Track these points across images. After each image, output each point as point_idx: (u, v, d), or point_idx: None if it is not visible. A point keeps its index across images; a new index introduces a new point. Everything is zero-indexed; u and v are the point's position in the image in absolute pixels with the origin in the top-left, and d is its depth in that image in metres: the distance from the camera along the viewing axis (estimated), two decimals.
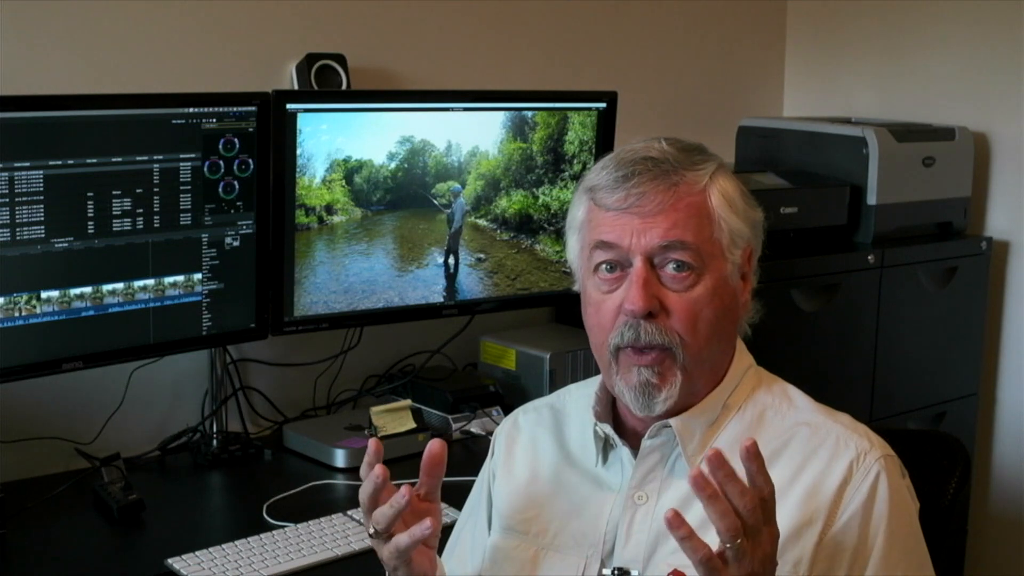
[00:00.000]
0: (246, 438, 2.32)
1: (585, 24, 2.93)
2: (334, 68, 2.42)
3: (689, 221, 1.38)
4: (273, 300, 2.22)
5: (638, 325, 1.37)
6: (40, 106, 1.94)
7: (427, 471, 1.35)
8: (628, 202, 1.38)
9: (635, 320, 1.36)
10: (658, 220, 1.37)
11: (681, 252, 1.37)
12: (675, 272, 1.38)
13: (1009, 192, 3.05)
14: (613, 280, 1.40)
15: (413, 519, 1.33)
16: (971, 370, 3.03)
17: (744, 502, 1.15)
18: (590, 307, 1.43)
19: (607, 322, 1.40)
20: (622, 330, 1.38)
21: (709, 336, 1.39)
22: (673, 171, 1.39)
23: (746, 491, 1.16)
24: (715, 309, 1.39)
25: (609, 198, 1.39)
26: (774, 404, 1.45)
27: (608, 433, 1.46)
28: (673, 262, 1.37)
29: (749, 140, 3.10)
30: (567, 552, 1.46)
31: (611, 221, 1.39)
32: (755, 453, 1.16)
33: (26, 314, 1.94)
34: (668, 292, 1.38)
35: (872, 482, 1.36)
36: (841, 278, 2.71)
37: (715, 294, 1.39)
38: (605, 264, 1.40)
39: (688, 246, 1.37)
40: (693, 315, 1.37)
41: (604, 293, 1.41)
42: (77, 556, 1.87)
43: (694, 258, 1.37)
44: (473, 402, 2.44)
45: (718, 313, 1.39)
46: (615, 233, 1.39)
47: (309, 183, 2.21)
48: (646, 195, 1.38)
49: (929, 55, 3.13)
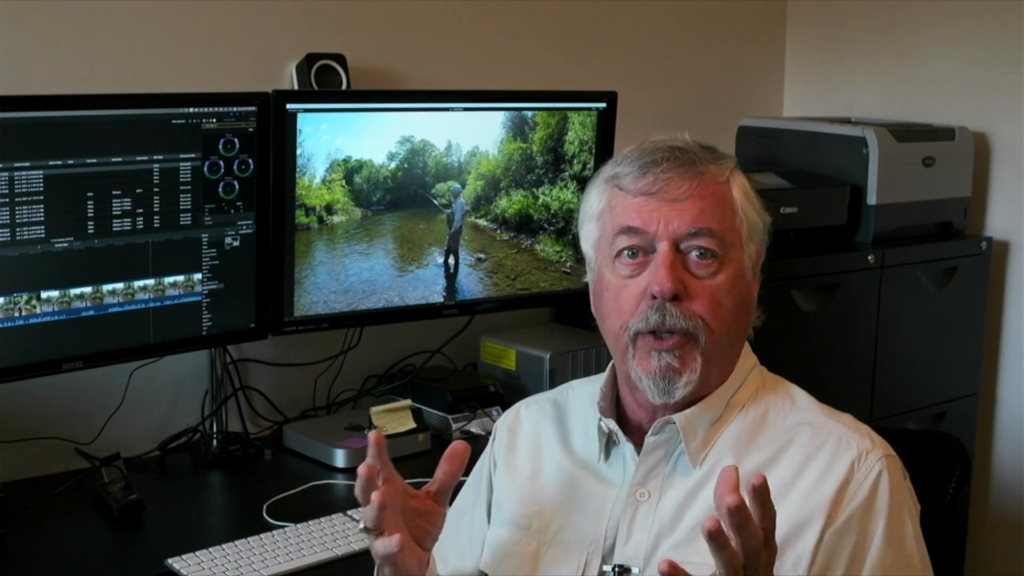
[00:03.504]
0: (246, 438, 2.32)
1: (585, 24, 2.94)
2: (334, 68, 2.42)
3: (715, 209, 1.39)
4: (273, 300, 2.22)
5: (663, 308, 1.36)
6: (40, 106, 1.94)
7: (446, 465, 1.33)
8: (656, 187, 1.39)
9: (661, 303, 1.36)
10: (686, 206, 1.38)
11: (707, 239, 1.38)
12: (699, 259, 1.38)
13: (1009, 192, 3.05)
14: (636, 265, 1.40)
15: (418, 518, 1.33)
16: (971, 370, 3.03)
17: (753, 544, 1.12)
18: (608, 293, 1.43)
19: (628, 307, 1.39)
20: (647, 314, 1.37)
21: (730, 324, 1.40)
22: (699, 161, 1.41)
23: (756, 533, 1.12)
24: (734, 299, 1.40)
25: (635, 184, 1.40)
26: (777, 404, 1.46)
27: (612, 429, 1.46)
28: (697, 249, 1.38)
29: (749, 140, 3.10)
30: (568, 548, 1.45)
31: (637, 207, 1.40)
32: (763, 489, 1.13)
33: (26, 314, 1.94)
34: (691, 278, 1.38)
35: (873, 481, 1.36)
36: (841, 278, 2.71)
37: (735, 284, 1.40)
38: (628, 250, 1.40)
39: (715, 233, 1.38)
40: (716, 301, 1.38)
41: (625, 278, 1.40)
42: (77, 556, 1.87)
43: (718, 246, 1.38)
44: (473, 402, 2.44)
45: (737, 303, 1.40)
46: (641, 219, 1.39)
47: (309, 183, 2.21)
48: (673, 181, 1.39)
49: (929, 55, 3.13)
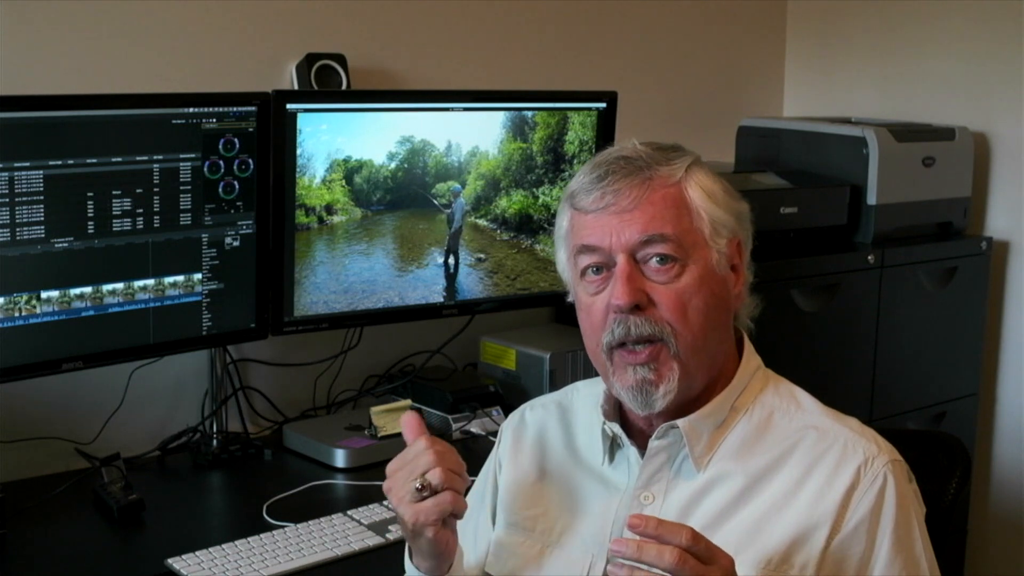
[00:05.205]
0: (246, 438, 2.32)
1: (585, 24, 2.93)
2: (334, 68, 2.42)
3: (666, 213, 1.38)
4: (273, 300, 2.22)
5: (627, 320, 1.37)
6: (40, 106, 1.94)
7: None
8: (604, 201, 1.39)
9: (623, 316, 1.37)
10: (635, 216, 1.38)
11: (661, 245, 1.38)
12: (659, 265, 1.38)
13: (1009, 192, 3.05)
14: (600, 281, 1.41)
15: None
16: (971, 370, 3.03)
17: (668, 561, 1.17)
18: (581, 312, 1.44)
19: (598, 322, 1.40)
20: (612, 327, 1.38)
21: (703, 325, 1.39)
22: (646, 167, 1.40)
23: (663, 550, 1.17)
24: (704, 298, 1.39)
25: (586, 200, 1.41)
26: (782, 406, 1.45)
27: (616, 432, 1.46)
28: (656, 256, 1.38)
29: (749, 140, 3.10)
30: (572, 550, 1.46)
31: (591, 224, 1.40)
32: (643, 523, 1.19)
33: (26, 314, 1.94)
34: (655, 285, 1.38)
35: (880, 488, 1.36)
36: (841, 278, 2.71)
37: (703, 283, 1.39)
38: (591, 267, 1.41)
39: (668, 238, 1.38)
40: (681, 304, 1.37)
41: (592, 295, 1.41)
42: (77, 556, 1.87)
43: (675, 250, 1.38)
44: (473, 402, 2.44)
45: (708, 302, 1.39)
46: (596, 235, 1.39)
47: (309, 183, 2.21)
48: (621, 192, 1.39)
49: (929, 55, 3.13)
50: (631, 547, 1.18)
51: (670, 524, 1.20)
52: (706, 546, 1.20)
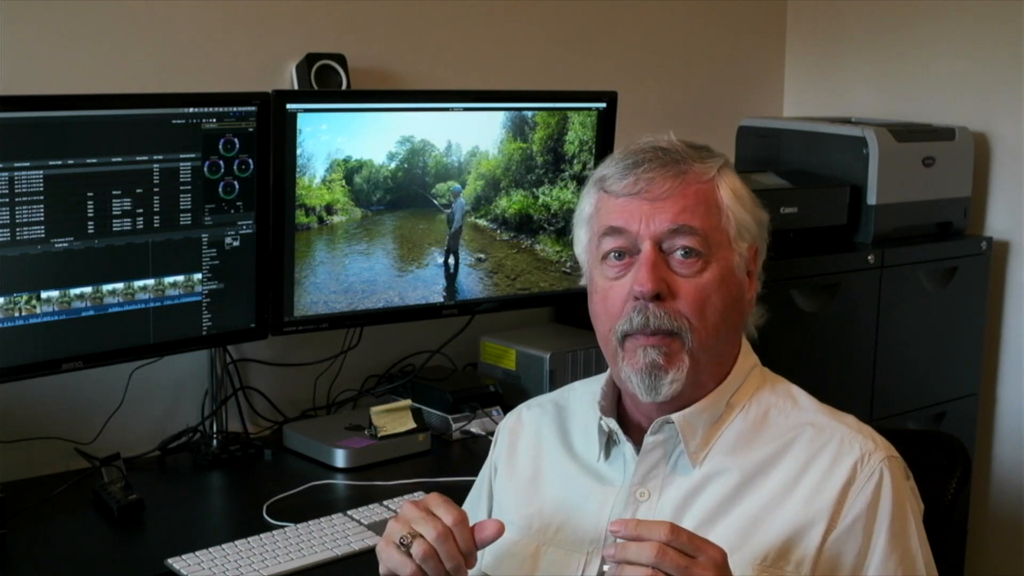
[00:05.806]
0: (246, 438, 2.32)
1: (585, 24, 2.93)
2: (334, 68, 2.42)
3: (697, 207, 1.39)
4: (273, 300, 2.22)
5: (646, 309, 1.37)
6: (40, 106, 1.94)
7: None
8: (637, 187, 1.39)
9: (644, 304, 1.37)
10: (667, 204, 1.38)
11: (689, 237, 1.38)
12: (683, 258, 1.38)
13: (1009, 192, 3.05)
14: (622, 267, 1.40)
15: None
16: (971, 370, 3.03)
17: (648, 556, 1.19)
18: (596, 295, 1.44)
19: (615, 309, 1.40)
20: (631, 315, 1.38)
21: (717, 324, 1.39)
22: (682, 160, 1.41)
23: (643, 546, 1.19)
24: (722, 297, 1.39)
25: (618, 184, 1.41)
26: (778, 403, 1.45)
27: (612, 428, 1.46)
28: (681, 248, 1.38)
29: (749, 140, 3.10)
30: (569, 548, 1.46)
31: (621, 207, 1.40)
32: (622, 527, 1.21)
33: (26, 314, 1.94)
34: (676, 277, 1.38)
35: (876, 484, 1.36)
36: (841, 278, 2.71)
37: (722, 282, 1.39)
38: (614, 252, 1.41)
39: (696, 231, 1.38)
40: (701, 300, 1.38)
41: (612, 280, 1.41)
42: (77, 556, 1.87)
43: (702, 244, 1.38)
44: (473, 402, 2.44)
45: (726, 302, 1.40)
46: (624, 218, 1.39)
47: (309, 183, 2.21)
48: (655, 180, 1.39)
49: (929, 55, 3.13)
50: (618, 550, 1.20)
51: (649, 522, 1.22)
52: (689, 539, 1.21)
